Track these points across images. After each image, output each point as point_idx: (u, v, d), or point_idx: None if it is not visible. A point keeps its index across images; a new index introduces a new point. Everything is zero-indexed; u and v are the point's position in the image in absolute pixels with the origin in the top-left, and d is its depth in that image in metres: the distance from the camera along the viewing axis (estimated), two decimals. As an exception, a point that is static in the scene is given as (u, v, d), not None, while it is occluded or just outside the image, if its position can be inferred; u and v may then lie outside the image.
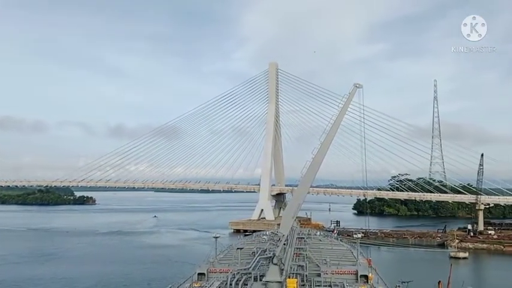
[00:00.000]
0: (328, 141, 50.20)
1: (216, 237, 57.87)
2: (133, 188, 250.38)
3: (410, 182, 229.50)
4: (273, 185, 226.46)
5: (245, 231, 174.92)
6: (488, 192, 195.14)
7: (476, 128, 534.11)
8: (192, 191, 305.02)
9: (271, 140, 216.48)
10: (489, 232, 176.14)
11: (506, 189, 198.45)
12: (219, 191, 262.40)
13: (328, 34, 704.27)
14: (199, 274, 47.96)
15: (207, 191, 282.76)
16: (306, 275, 46.07)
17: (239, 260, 51.79)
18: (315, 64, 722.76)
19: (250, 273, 45.81)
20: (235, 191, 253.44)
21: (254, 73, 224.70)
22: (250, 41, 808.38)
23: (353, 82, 53.89)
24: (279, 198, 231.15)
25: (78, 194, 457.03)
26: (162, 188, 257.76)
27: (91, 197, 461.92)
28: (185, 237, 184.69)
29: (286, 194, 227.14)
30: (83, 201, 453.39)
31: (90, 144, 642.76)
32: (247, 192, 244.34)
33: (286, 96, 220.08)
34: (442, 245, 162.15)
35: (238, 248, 56.62)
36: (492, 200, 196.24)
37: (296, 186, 60.37)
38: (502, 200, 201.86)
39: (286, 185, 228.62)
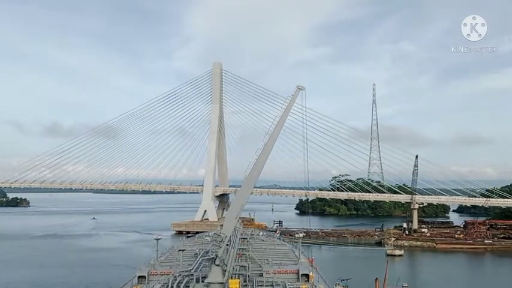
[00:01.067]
0: (272, 142, 50.54)
1: (158, 239, 56.81)
2: (71, 189, 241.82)
3: (350, 183, 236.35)
4: (217, 185, 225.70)
5: (188, 232, 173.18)
6: (422, 192, 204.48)
7: (411, 130, 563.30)
8: (133, 192, 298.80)
9: (215, 141, 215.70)
10: (423, 230, 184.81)
11: (439, 189, 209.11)
12: (161, 192, 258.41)
13: (273, 36, 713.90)
14: (139, 277, 46.88)
15: (149, 192, 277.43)
16: (249, 275, 46.15)
17: (181, 262, 51.13)
18: (259, 65, 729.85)
19: (192, 274, 45.34)
20: (178, 192, 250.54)
21: (198, 73, 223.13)
22: (194, 40, 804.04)
23: (296, 84, 54.59)
24: (223, 199, 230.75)
25: (11, 195, 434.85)
26: (102, 189, 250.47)
27: (25, 199, 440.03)
28: (125, 240, 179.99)
29: (230, 195, 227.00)
30: (16, 203, 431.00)
31: (23, 144, 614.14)
32: (190, 193, 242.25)
33: (230, 96, 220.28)
34: (379, 243, 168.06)
35: (180, 250, 55.82)
36: (426, 199, 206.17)
37: (240, 186, 60.37)
38: (435, 199, 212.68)
39: (230, 186, 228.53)
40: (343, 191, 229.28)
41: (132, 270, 50.31)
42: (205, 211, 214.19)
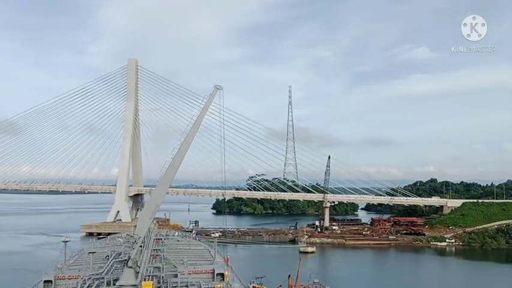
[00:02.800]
0: (188, 142, 49.99)
1: (66, 242, 53.77)
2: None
3: (266, 182, 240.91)
4: (131, 185, 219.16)
5: (99, 234, 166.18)
6: (333, 191, 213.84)
7: (323, 132, 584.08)
8: (40, 192, 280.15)
9: (130, 139, 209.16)
10: (334, 227, 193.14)
11: (349, 188, 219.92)
12: (70, 192, 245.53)
13: (192, 35, 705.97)
14: (45, 282, 44.15)
15: (57, 192, 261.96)
16: (163, 277, 45.33)
17: (91, 265, 49.04)
18: (178, 63, 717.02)
19: (103, 278, 43.60)
20: (89, 192, 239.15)
21: (113, 69, 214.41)
22: (109, 34, 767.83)
23: (214, 83, 54.48)
24: (137, 199, 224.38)
25: None
26: (4, 189, 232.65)
27: None
28: (31, 243, 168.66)
29: (145, 195, 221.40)
30: None
31: None
32: (102, 193, 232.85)
33: (146, 94, 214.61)
34: (293, 241, 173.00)
35: (90, 252, 53.46)
36: (336, 198, 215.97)
37: (155, 186, 59.07)
38: (345, 198, 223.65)
39: (145, 186, 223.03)
40: (259, 190, 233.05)
41: (38, 274, 47.30)
42: (118, 212, 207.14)
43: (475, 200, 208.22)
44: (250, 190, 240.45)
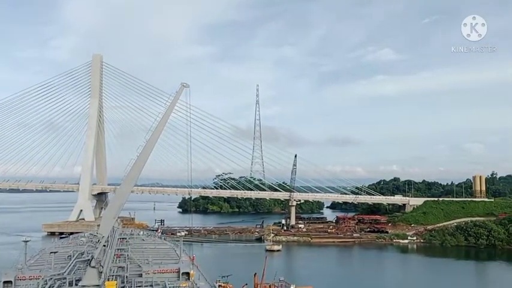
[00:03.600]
0: (154, 140, 49.51)
1: (26, 241, 52.33)
2: None
3: (233, 181, 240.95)
4: (95, 184, 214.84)
5: (61, 233, 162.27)
6: (300, 190, 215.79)
7: (290, 131, 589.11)
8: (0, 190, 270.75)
9: (94, 137, 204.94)
10: (299, 226, 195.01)
11: (315, 187, 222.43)
12: (31, 191, 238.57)
13: (158, 31, 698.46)
14: (5, 282, 43.00)
15: (17, 191, 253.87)
16: (127, 276, 44.83)
17: (52, 265, 47.94)
18: (144, 60, 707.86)
19: (64, 278, 42.79)
20: (51, 191, 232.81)
21: (77, 64, 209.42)
22: (74, 29, 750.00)
23: (181, 81, 54.02)
24: (101, 198, 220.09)
25: None
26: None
27: None
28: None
29: (109, 194, 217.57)
30: None
31: None
32: (65, 191, 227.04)
33: (111, 90, 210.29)
34: (259, 239, 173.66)
35: (52, 252, 52.24)
36: (303, 196, 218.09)
37: (119, 185, 58.16)
38: (311, 196, 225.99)
39: (109, 184, 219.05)
40: (226, 189, 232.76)
41: (-3, 275, 45.86)
42: (81, 211, 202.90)
43: (436, 199, 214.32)
44: (217, 189, 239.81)
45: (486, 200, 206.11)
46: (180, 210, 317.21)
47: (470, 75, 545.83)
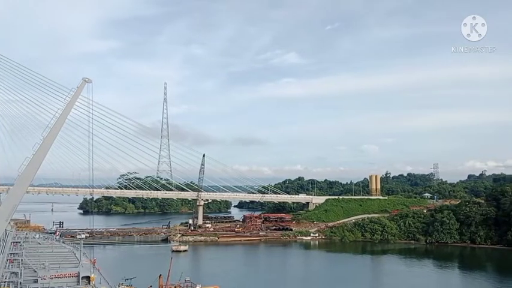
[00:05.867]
0: (53, 137, 46.93)
1: None
2: None
3: (138, 181, 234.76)
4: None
5: None
6: (207, 189, 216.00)
7: (198, 130, 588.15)
8: None
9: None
10: (207, 225, 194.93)
11: (222, 186, 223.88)
12: None
13: (55, 23, 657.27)
14: None
15: None
16: (21, 282, 42.22)
17: None
18: (43, 53, 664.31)
19: None
20: None
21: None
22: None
23: (83, 76, 51.74)
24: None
25: None
26: None
27: None
28: None
29: (1, 194, 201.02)
30: None
31: None
32: None
33: (3, 83, 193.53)
34: (166, 240, 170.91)
35: None
36: (210, 196, 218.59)
37: (13, 185, 54.24)
38: (219, 196, 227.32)
39: (1, 184, 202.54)
40: (131, 189, 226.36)
41: None
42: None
43: (337, 197, 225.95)
44: (121, 189, 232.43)
45: (381, 197, 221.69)
46: (81, 211, 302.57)
47: (369, 81, 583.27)
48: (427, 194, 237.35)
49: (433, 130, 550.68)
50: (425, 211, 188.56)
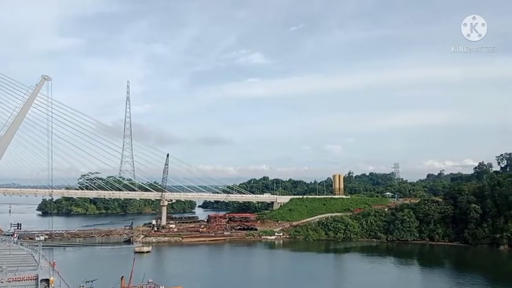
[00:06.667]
0: (10, 136, 45.56)
1: None
2: None
3: (100, 181, 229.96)
4: None
5: None
6: (171, 189, 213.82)
7: (161, 129, 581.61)
8: None
9: None
10: (171, 226, 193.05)
11: (187, 186, 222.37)
12: None
13: (15, 19, 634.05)
14: None
15: None
16: (-26, 288, 40.44)
17: None
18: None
19: None
20: None
21: None
22: None
23: (42, 74, 50.30)
24: None
25: None
26: None
27: None
28: None
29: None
30: None
31: None
32: None
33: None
34: (128, 241, 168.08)
35: None
36: (174, 196, 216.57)
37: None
38: (183, 196, 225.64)
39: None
40: (92, 189, 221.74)
41: None
42: None
43: (301, 196, 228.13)
44: (82, 189, 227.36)
45: (344, 197, 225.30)
46: (40, 212, 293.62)
47: (332, 82, 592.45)
48: (388, 193, 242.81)
49: (394, 130, 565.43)
50: (386, 210, 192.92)
